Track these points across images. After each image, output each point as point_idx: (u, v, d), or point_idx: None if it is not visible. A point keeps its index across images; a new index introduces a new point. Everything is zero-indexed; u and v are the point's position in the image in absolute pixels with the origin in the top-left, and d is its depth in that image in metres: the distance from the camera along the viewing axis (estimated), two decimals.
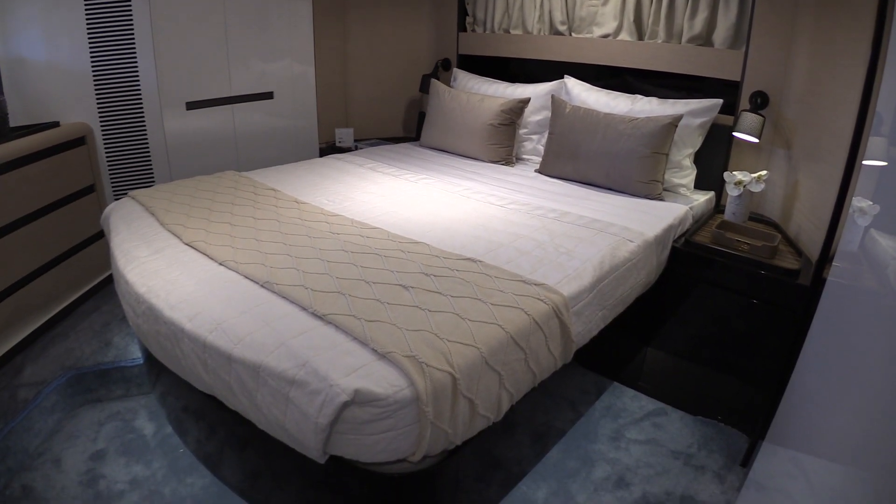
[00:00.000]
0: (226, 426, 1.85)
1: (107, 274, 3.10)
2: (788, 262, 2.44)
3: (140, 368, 2.52)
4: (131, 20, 2.97)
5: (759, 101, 2.83)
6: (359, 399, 1.29)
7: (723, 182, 3.03)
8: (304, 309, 1.59)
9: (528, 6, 3.59)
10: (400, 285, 1.70)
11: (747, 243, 2.49)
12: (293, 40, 3.63)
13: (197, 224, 2.22)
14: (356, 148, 3.87)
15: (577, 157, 2.93)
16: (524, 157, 3.43)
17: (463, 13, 3.94)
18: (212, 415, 1.86)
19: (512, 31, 3.70)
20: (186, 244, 2.07)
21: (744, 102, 2.90)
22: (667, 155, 2.80)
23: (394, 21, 4.10)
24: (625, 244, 2.24)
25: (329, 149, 3.95)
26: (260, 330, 1.51)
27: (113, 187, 3.17)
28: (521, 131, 3.39)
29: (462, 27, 3.96)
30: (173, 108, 3.23)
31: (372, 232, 2.15)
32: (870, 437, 1.28)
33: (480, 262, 1.91)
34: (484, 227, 2.30)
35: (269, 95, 3.60)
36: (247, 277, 1.80)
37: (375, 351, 1.39)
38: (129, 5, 2.94)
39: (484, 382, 1.49)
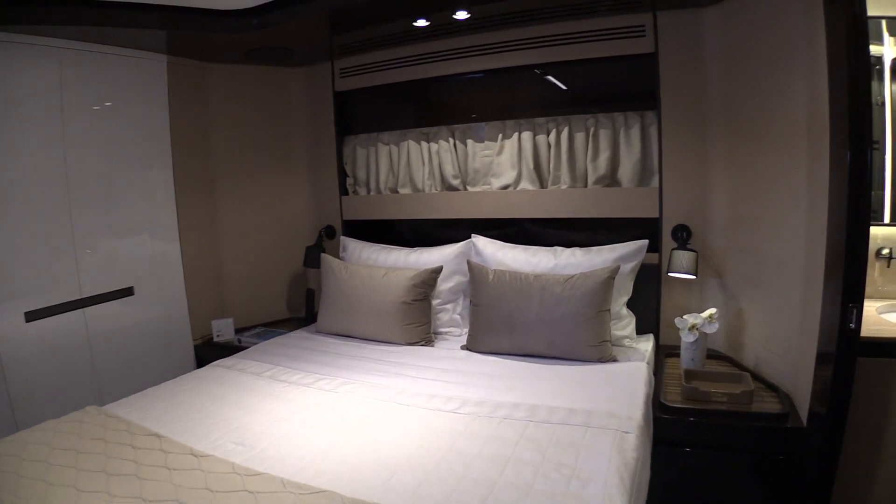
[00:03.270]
0: None
1: None
2: (769, 404, 2.26)
3: None
4: None
5: (685, 235, 2.72)
6: None
7: (656, 321, 2.87)
8: None
9: (415, 163, 3.33)
10: None
11: (724, 392, 2.27)
12: (153, 222, 3.11)
13: None
14: (240, 342, 3.24)
15: (513, 329, 2.59)
16: (440, 330, 3.03)
17: (343, 175, 3.61)
18: None
19: (400, 191, 3.41)
20: None
21: (665, 237, 2.81)
22: (609, 310, 2.56)
23: (267, 190, 3.64)
24: (624, 439, 1.87)
25: (206, 346, 3.31)
26: None
27: None
28: (434, 302, 3.01)
29: (343, 190, 3.61)
30: (8, 320, 2.53)
31: (319, 500, 1.59)
32: None
33: None
34: (456, 456, 1.81)
35: (128, 291, 2.97)
36: None
37: None
38: None
39: None
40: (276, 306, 3.72)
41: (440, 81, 3.23)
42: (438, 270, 2.91)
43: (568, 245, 2.90)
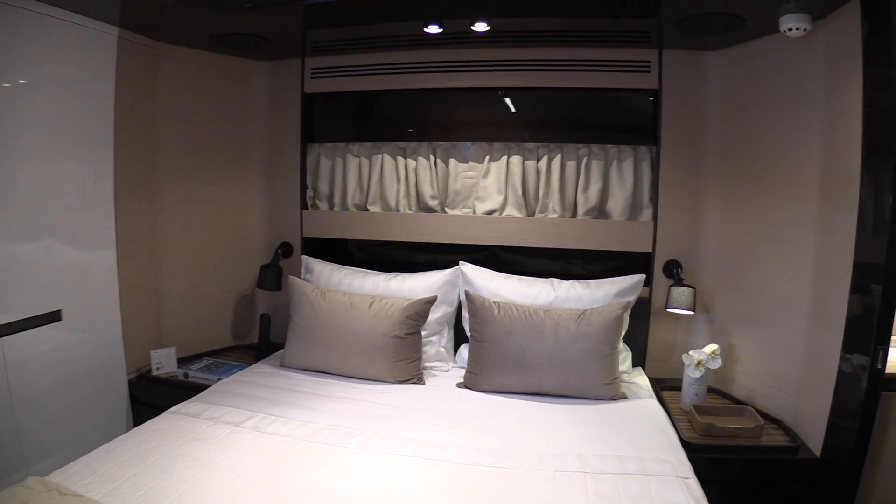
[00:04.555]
0: None
1: None
2: (776, 436, 2.33)
3: None
4: None
5: (679, 271, 2.75)
6: None
7: (643, 355, 2.87)
8: None
9: (388, 179, 3.06)
10: None
11: (739, 427, 2.31)
12: (86, 228, 2.57)
13: None
14: (187, 377, 2.77)
15: (524, 367, 2.43)
16: (426, 365, 2.76)
17: (304, 187, 3.22)
18: None
19: (370, 208, 3.11)
20: None
21: (657, 271, 2.82)
22: (618, 347, 2.51)
23: (218, 196, 3.13)
24: (689, 486, 1.79)
25: (141, 381, 2.80)
26: None
27: None
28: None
29: (303, 203, 3.22)
30: None
31: None
32: None
33: None
34: None
35: (55, 317, 2.40)
36: None
37: None
38: None
39: None
40: (220, 332, 3.24)
41: (425, 94, 3.01)
42: (432, 301, 2.67)
43: (543, 275, 2.81)
